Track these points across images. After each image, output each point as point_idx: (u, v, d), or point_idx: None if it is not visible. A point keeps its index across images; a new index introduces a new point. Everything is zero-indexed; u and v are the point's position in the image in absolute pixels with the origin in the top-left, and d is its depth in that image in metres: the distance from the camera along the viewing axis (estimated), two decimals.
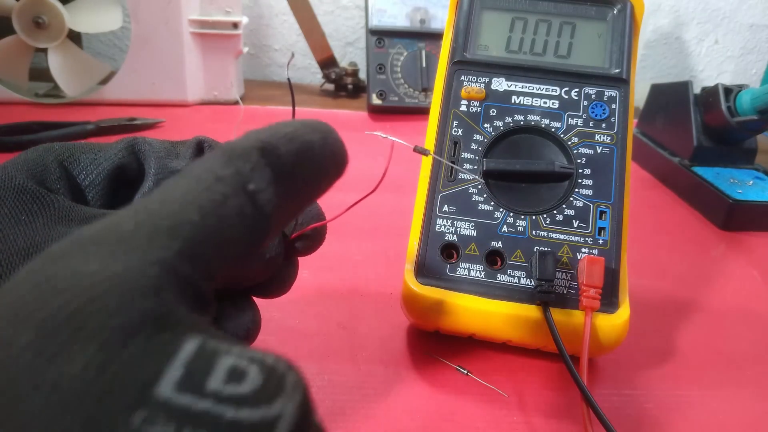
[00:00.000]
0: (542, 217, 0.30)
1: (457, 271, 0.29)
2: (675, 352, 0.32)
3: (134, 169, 0.21)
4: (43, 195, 0.18)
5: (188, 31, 0.65)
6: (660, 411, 0.28)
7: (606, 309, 0.28)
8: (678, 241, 0.46)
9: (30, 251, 0.16)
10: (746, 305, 0.37)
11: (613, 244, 0.29)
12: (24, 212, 0.17)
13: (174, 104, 0.67)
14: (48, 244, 0.16)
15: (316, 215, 0.21)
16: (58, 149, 0.20)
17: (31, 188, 0.18)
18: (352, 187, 0.21)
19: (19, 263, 0.16)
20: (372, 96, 0.69)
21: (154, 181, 0.21)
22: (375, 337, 0.31)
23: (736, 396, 0.29)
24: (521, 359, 0.30)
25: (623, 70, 0.32)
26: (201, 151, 0.22)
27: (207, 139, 0.22)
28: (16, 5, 0.58)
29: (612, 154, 0.31)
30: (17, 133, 0.53)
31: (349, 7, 0.88)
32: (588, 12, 0.33)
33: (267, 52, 0.90)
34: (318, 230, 0.21)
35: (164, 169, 0.21)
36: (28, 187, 0.18)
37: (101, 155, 0.20)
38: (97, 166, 0.20)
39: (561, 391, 0.28)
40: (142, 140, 0.22)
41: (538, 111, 0.32)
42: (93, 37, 0.84)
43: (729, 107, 0.51)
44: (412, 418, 0.26)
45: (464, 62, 0.33)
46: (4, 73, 0.62)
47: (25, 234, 0.16)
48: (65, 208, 0.18)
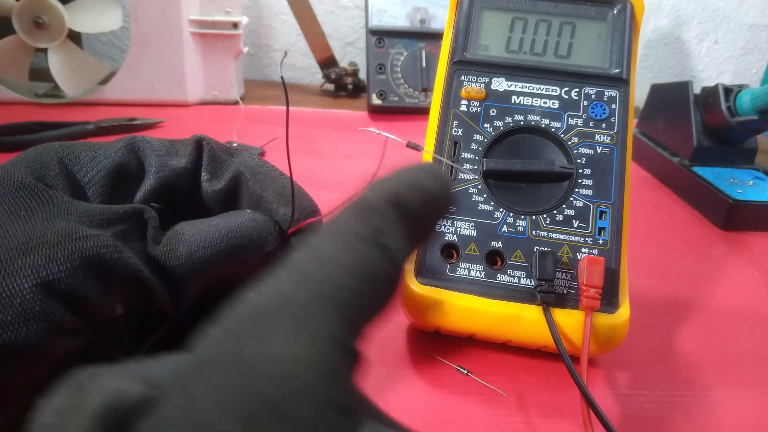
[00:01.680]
0: (542, 217, 0.30)
1: (457, 271, 0.29)
2: (675, 352, 0.32)
3: (134, 167, 0.21)
4: (42, 190, 0.18)
5: (188, 31, 0.65)
6: (660, 411, 0.28)
7: (606, 309, 0.28)
8: (678, 241, 0.46)
9: (29, 246, 0.16)
10: (746, 305, 0.37)
11: (613, 244, 0.29)
12: (23, 207, 0.17)
13: (174, 104, 0.67)
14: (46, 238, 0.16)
15: (311, 211, 0.22)
16: (57, 147, 0.20)
17: (29, 184, 0.18)
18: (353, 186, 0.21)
19: (18, 258, 0.16)
20: (372, 96, 0.69)
21: (155, 179, 0.21)
22: (375, 337, 0.31)
23: (736, 396, 0.29)
24: (521, 359, 0.30)
25: (623, 70, 0.32)
26: (200, 149, 0.22)
27: (206, 138, 0.22)
28: (16, 5, 0.58)
29: (612, 154, 0.31)
30: (17, 133, 0.53)
31: (349, 7, 0.88)
32: (588, 12, 0.33)
33: (267, 52, 0.90)
34: (313, 225, 0.22)
35: (164, 167, 0.21)
36: (26, 182, 0.18)
37: (101, 153, 0.21)
38: (97, 164, 0.20)
39: (561, 391, 0.28)
40: (142, 139, 0.22)
41: (538, 111, 0.32)
42: (93, 37, 0.84)
43: (729, 107, 0.51)
44: (412, 418, 0.26)
45: (464, 62, 0.33)
46: (4, 73, 0.62)
47: (24, 229, 0.16)
48: (64, 203, 0.18)
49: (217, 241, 0.19)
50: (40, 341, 0.15)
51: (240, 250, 0.20)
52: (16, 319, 0.15)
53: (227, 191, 0.22)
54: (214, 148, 0.22)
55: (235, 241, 0.20)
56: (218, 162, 0.22)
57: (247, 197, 0.22)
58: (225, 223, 0.20)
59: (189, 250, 0.19)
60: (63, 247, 0.16)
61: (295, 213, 0.21)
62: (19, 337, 0.15)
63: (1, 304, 0.15)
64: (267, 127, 0.62)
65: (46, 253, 0.16)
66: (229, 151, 0.23)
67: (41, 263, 0.16)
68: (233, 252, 0.20)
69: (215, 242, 0.19)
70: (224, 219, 0.20)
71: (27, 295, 0.15)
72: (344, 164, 0.54)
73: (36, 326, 0.15)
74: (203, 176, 0.22)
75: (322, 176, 0.51)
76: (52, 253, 0.16)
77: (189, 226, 0.20)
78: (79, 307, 0.17)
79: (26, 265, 0.15)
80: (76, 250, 0.16)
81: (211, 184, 0.22)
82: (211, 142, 0.22)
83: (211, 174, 0.22)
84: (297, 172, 0.21)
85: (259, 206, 0.22)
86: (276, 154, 0.55)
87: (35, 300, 0.15)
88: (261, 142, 0.55)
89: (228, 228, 0.20)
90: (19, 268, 0.15)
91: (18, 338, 0.15)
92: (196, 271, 0.19)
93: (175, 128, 0.61)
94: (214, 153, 0.22)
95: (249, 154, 0.23)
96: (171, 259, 0.19)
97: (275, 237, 0.21)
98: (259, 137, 0.56)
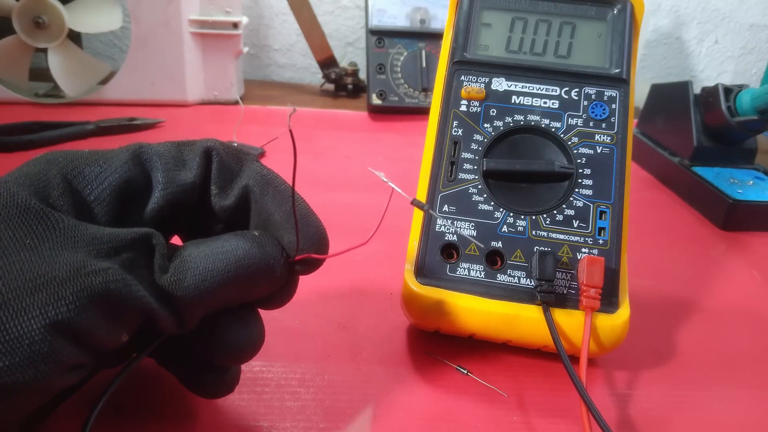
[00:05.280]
0: (542, 217, 0.30)
1: (457, 271, 0.29)
2: (675, 352, 0.32)
3: (141, 182, 0.21)
4: (48, 215, 0.17)
5: (188, 31, 0.65)
6: (660, 411, 0.28)
7: (606, 309, 0.28)
8: (678, 241, 0.46)
9: (37, 283, 0.15)
10: (746, 305, 0.37)
11: (613, 244, 0.29)
12: (29, 235, 0.16)
13: (174, 104, 0.67)
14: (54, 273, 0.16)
15: (318, 238, 0.21)
16: (61, 162, 0.19)
17: (35, 207, 0.17)
18: (353, 186, 0.21)
19: (26, 296, 0.15)
20: (372, 96, 0.69)
21: (163, 196, 0.21)
22: (375, 337, 0.31)
23: (736, 396, 0.29)
24: (521, 359, 0.30)
25: (623, 70, 0.32)
26: (209, 160, 0.22)
27: (215, 146, 0.22)
28: (16, 5, 0.58)
29: (612, 154, 0.31)
30: (17, 133, 0.53)
31: (349, 7, 0.88)
32: (588, 12, 0.33)
33: (267, 52, 0.90)
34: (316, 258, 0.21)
35: (172, 183, 0.21)
36: (31, 205, 0.17)
37: (106, 168, 0.20)
38: (102, 181, 0.19)
39: (561, 391, 0.28)
40: (148, 148, 0.21)
41: (538, 111, 0.32)
42: (93, 37, 0.84)
43: (729, 107, 0.51)
44: (412, 418, 0.26)
45: (464, 62, 0.33)
46: (4, 73, 0.62)
47: (31, 261, 0.16)
48: (71, 228, 0.17)
49: (224, 271, 0.19)
50: (45, 380, 0.15)
51: (247, 278, 0.20)
52: (23, 361, 0.15)
53: (236, 208, 0.22)
54: (223, 159, 0.22)
55: (243, 270, 0.19)
56: (227, 174, 0.22)
57: (256, 215, 0.22)
58: (233, 250, 0.19)
59: (196, 281, 0.18)
60: (72, 284, 0.16)
61: (300, 241, 0.21)
62: (27, 378, 0.15)
63: (10, 346, 0.14)
64: (267, 127, 0.62)
65: (55, 291, 0.15)
66: (239, 158, 0.22)
67: (50, 302, 0.15)
68: (241, 280, 0.19)
69: (223, 272, 0.19)
70: (232, 244, 0.20)
71: (36, 337, 0.15)
72: (344, 164, 0.54)
73: (44, 367, 0.15)
74: (212, 190, 0.22)
75: (322, 176, 0.51)
76: (60, 291, 0.15)
77: (196, 251, 0.19)
78: (87, 343, 0.16)
79: (34, 304, 0.15)
80: (86, 287, 0.16)
81: (219, 199, 0.22)
82: (221, 151, 0.22)
83: (220, 188, 0.22)
84: (297, 172, 0.21)
85: (268, 227, 0.21)
86: (276, 155, 0.55)
87: (44, 342, 0.15)
88: (261, 142, 0.55)
89: (236, 257, 0.19)
90: (27, 308, 0.15)
91: (25, 379, 0.15)
92: (203, 299, 0.19)
93: (175, 128, 0.61)
94: (224, 164, 0.22)
95: (259, 165, 0.22)
96: (178, 289, 0.18)
97: (282, 263, 0.21)
98: (259, 137, 0.56)
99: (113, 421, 0.24)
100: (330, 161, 0.55)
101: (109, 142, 0.57)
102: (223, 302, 0.20)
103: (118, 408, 0.24)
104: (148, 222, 0.20)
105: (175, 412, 0.25)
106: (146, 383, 0.26)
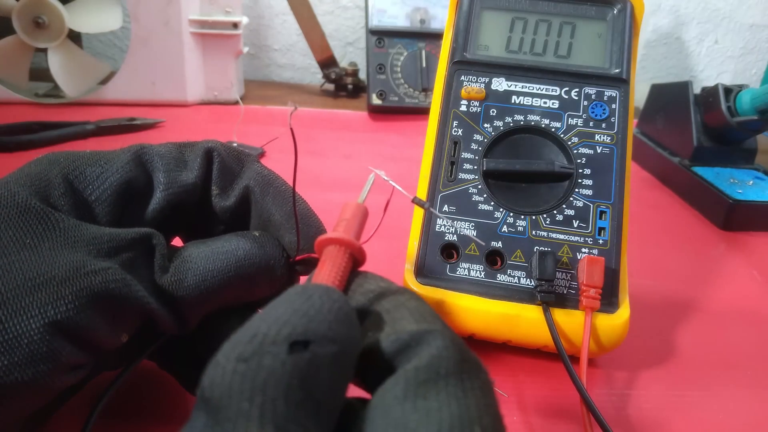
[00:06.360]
0: (542, 217, 0.30)
1: (457, 271, 0.29)
2: (675, 352, 0.32)
3: (142, 183, 0.20)
4: (48, 214, 0.17)
5: (188, 31, 0.65)
6: (659, 411, 0.28)
7: (606, 309, 0.28)
8: (678, 241, 0.46)
9: (37, 282, 0.15)
10: (746, 305, 0.37)
11: (613, 244, 0.29)
12: (29, 234, 0.16)
13: (174, 104, 0.67)
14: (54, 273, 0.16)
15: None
16: (62, 162, 0.19)
17: (35, 207, 0.17)
18: (353, 186, 0.21)
19: (25, 296, 0.15)
20: (372, 96, 0.69)
21: (164, 196, 0.20)
22: None
23: (736, 396, 0.29)
24: (521, 359, 0.30)
25: (623, 70, 0.32)
26: (210, 161, 0.22)
27: (216, 147, 0.22)
28: (16, 5, 0.58)
29: (612, 154, 0.31)
30: (17, 133, 0.53)
31: (349, 7, 0.88)
32: (588, 12, 0.33)
33: (267, 52, 0.90)
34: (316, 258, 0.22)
35: (173, 184, 0.21)
36: (32, 205, 0.17)
37: (108, 168, 0.20)
38: (104, 182, 0.19)
39: (561, 391, 0.28)
40: (150, 149, 0.21)
41: (538, 111, 0.32)
42: (93, 37, 0.84)
43: (729, 107, 0.51)
44: None
45: (464, 62, 0.33)
46: (4, 73, 0.62)
47: (31, 261, 0.16)
48: (71, 228, 0.17)
49: (225, 271, 0.19)
50: (45, 380, 0.15)
51: (248, 278, 0.20)
52: (23, 361, 0.15)
53: (236, 209, 0.22)
54: (224, 159, 0.22)
55: (243, 270, 0.19)
56: (228, 175, 0.22)
57: (256, 216, 0.22)
58: (233, 250, 0.19)
59: (197, 281, 0.18)
60: (71, 283, 0.16)
61: (301, 241, 0.21)
62: (26, 377, 0.15)
63: (9, 345, 0.14)
64: (267, 127, 0.62)
65: (55, 290, 0.15)
66: (240, 159, 0.22)
67: (49, 302, 0.15)
68: (241, 280, 0.19)
69: (223, 272, 0.19)
70: (232, 244, 0.20)
71: (35, 336, 0.15)
72: (344, 164, 0.54)
73: (43, 366, 0.15)
74: (213, 190, 0.22)
75: (322, 176, 0.51)
76: (60, 291, 0.15)
77: (196, 251, 0.19)
78: (87, 342, 0.16)
79: (34, 303, 0.15)
80: (85, 286, 0.16)
81: (220, 200, 0.22)
82: (222, 152, 0.22)
83: (221, 189, 0.22)
84: (297, 172, 0.21)
85: (268, 228, 0.21)
86: (276, 154, 0.55)
87: (43, 341, 0.15)
88: (261, 142, 0.55)
89: (236, 257, 0.19)
90: (27, 307, 0.15)
91: (24, 379, 0.15)
92: (203, 299, 0.19)
93: (175, 128, 0.61)
94: (225, 164, 0.22)
95: (260, 165, 0.22)
96: (179, 289, 0.18)
97: (283, 264, 0.21)
98: (259, 137, 0.56)
99: (113, 422, 0.24)
100: (330, 161, 0.55)
101: (109, 142, 0.57)
102: (223, 302, 0.20)
103: (118, 410, 0.24)
104: (149, 222, 0.20)
105: (175, 414, 0.24)
106: (146, 385, 0.26)
